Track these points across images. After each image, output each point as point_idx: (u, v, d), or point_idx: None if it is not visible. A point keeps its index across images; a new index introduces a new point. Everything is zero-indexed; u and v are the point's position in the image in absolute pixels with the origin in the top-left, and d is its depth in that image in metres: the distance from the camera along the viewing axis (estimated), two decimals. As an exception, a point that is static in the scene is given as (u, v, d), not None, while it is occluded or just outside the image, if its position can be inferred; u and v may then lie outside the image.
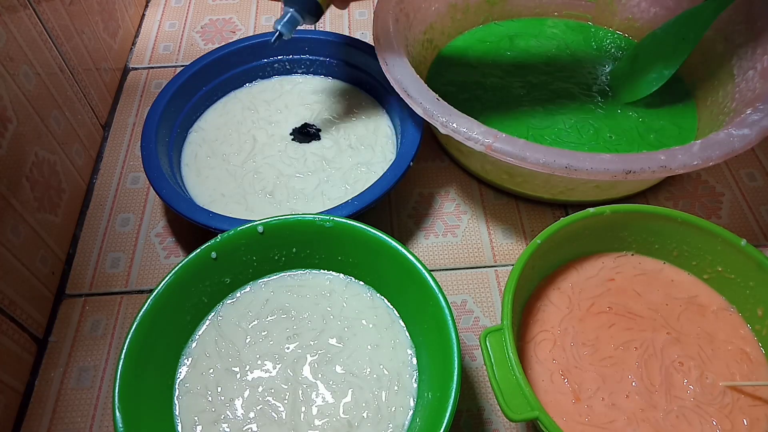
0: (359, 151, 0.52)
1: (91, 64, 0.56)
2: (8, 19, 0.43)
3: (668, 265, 0.43)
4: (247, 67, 0.56)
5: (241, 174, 0.50)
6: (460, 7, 0.59)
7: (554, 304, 0.41)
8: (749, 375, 0.38)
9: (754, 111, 0.43)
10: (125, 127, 0.58)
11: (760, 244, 0.49)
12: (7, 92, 0.42)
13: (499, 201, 0.52)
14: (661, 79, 0.53)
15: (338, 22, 0.68)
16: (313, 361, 0.39)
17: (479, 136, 0.41)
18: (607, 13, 0.61)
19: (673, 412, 0.36)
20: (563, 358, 0.38)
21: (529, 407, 0.32)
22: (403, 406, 0.37)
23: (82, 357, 0.44)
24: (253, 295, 0.41)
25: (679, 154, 0.40)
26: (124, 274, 0.48)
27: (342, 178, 0.50)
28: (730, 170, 0.54)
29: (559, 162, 0.40)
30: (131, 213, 0.51)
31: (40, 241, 0.45)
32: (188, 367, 0.38)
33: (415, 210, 0.51)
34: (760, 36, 0.48)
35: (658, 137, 0.52)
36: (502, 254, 0.49)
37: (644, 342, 0.39)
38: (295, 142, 0.53)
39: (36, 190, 0.45)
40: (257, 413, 0.37)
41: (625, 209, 0.40)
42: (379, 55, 0.47)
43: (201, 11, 0.69)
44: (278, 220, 0.40)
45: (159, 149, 0.47)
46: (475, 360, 0.43)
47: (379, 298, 0.41)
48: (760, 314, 0.39)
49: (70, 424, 0.41)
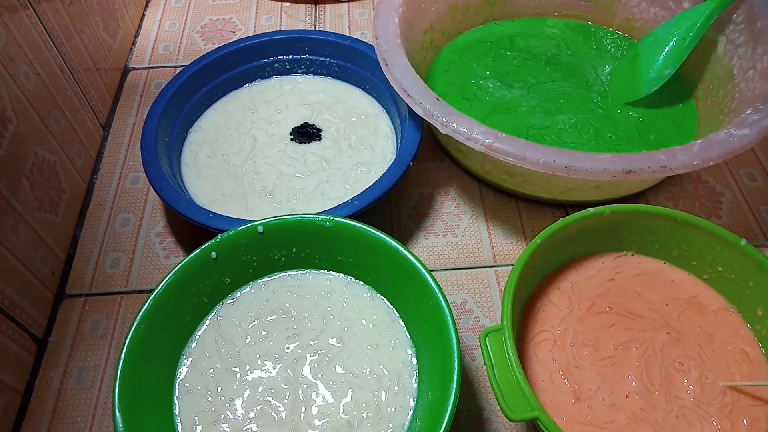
0: (359, 151, 0.52)
1: (91, 64, 0.56)
2: (8, 19, 0.43)
3: (668, 265, 0.43)
4: (247, 67, 0.56)
5: (241, 174, 0.50)
6: (461, 7, 0.59)
7: (554, 304, 0.41)
8: (749, 375, 0.38)
9: (754, 111, 0.43)
10: (125, 127, 0.58)
11: (760, 244, 0.49)
12: (7, 92, 0.42)
13: (499, 201, 0.52)
14: (661, 79, 0.53)
15: (338, 22, 0.68)
16: (313, 361, 0.39)
17: (479, 136, 0.41)
18: (607, 13, 0.61)
19: (673, 412, 0.36)
20: (563, 358, 0.38)
21: (529, 407, 0.32)
22: (403, 406, 0.37)
23: (82, 357, 0.44)
24: (253, 295, 0.41)
25: (679, 154, 0.40)
26: (124, 274, 0.48)
27: (342, 178, 0.50)
28: (730, 170, 0.54)
29: (559, 162, 0.40)
30: (131, 213, 0.51)
31: (40, 241, 0.45)
32: (188, 367, 0.38)
33: (415, 210, 0.51)
34: (760, 36, 0.48)
35: (658, 137, 0.52)
36: (502, 254, 0.49)
37: (644, 342, 0.39)
38: (295, 142, 0.53)
39: (36, 190, 0.45)
40: (257, 413, 0.37)
41: (625, 209, 0.40)
42: (379, 55, 0.47)
43: (201, 11, 0.69)
44: (278, 220, 0.40)
45: (159, 149, 0.47)
46: (475, 360, 0.43)
47: (379, 298, 0.41)
48: (760, 314, 0.39)
49: (70, 424, 0.41)
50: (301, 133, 0.53)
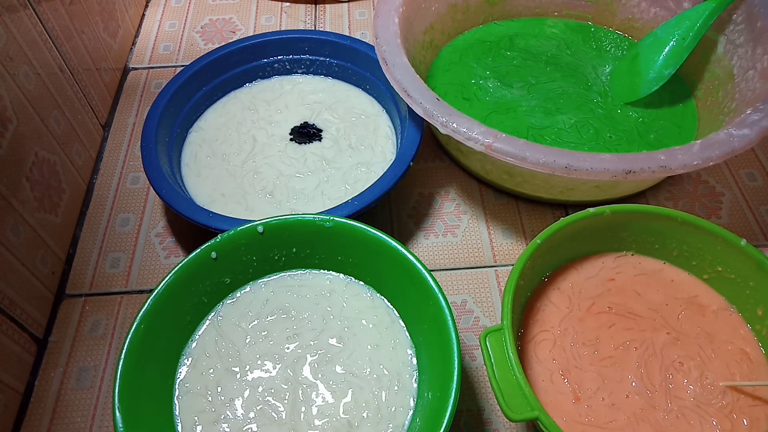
0: (359, 151, 0.52)
1: (91, 64, 0.56)
2: (8, 19, 0.43)
3: (668, 265, 0.43)
4: (247, 67, 0.56)
5: (241, 174, 0.50)
6: (461, 7, 0.59)
7: (554, 304, 0.41)
8: (749, 375, 0.38)
9: (754, 111, 0.43)
10: (125, 127, 0.58)
11: (760, 244, 0.49)
12: (7, 92, 0.42)
13: (499, 201, 0.52)
14: (661, 79, 0.53)
15: (338, 22, 0.68)
16: (313, 361, 0.39)
17: (479, 136, 0.41)
18: (607, 13, 0.61)
19: (673, 412, 0.36)
20: (563, 358, 0.38)
21: (529, 407, 0.32)
22: (403, 406, 0.37)
23: (82, 357, 0.44)
24: (253, 295, 0.41)
25: (679, 154, 0.40)
26: (124, 274, 0.48)
27: (342, 178, 0.50)
28: (730, 170, 0.54)
29: (559, 162, 0.40)
30: (131, 213, 0.51)
31: (40, 241, 0.45)
32: (188, 367, 0.38)
33: (415, 210, 0.51)
34: (760, 36, 0.48)
35: (658, 137, 0.52)
36: (502, 254, 0.49)
37: (644, 342, 0.39)
38: (294, 142, 0.53)
39: (36, 190, 0.45)
40: (257, 413, 0.37)
41: (625, 209, 0.40)
42: (379, 55, 0.47)
43: (201, 11, 0.69)
44: (278, 220, 0.40)
45: (159, 149, 0.47)
46: (475, 360, 0.43)
47: (379, 298, 0.41)
48: (760, 314, 0.39)
49: (70, 424, 0.41)
50: (301, 133, 0.53)
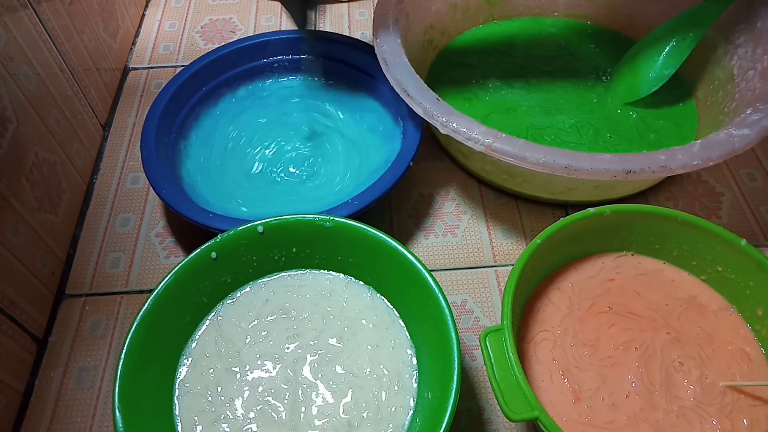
0: (359, 152, 0.52)
1: (91, 64, 0.56)
2: (8, 19, 0.43)
3: (668, 265, 0.43)
4: (247, 67, 0.56)
5: (241, 174, 0.50)
6: (460, 7, 0.59)
7: (554, 304, 0.41)
8: (749, 375, 0.38)
9: (754, 111, 0.43)
10: (125, 127, 0.58)
11: (760, 244, 0.49)
12: (7, 92, 0.42)
13: (499, 201, 0.52)
14: (661, 79, 0.53)
15: (338, 22, 0.68)
16: (313, 361, 0.39)
17: (479, 136, 0.41)
18: (607, 13, 0.61)
19: (673, 412, 0.36)
20: (563, 358, 0.38)
21: (529, 407, 0.32)
22: (403, 406, 0.37)
23: (82, 357, 0.44)
24: (253, 295, 0.41)
25: (679, 154, 0.40)
26: (124, 274, 0.48)
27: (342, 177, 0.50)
28: (730, 170, 0.54)
29: (559, 162, 0.40)
30: (131, 213, 0.51)
31: (40, 241, 0.45)
32: (188, 367, 0.38)
33: (415, 210, 0.51)
34: (760, 36, 0.48)
35: (658, 137, 0.52)
36: (502, 254, 0.49)
37: (644, 342, 0.39)
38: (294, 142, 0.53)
39: (36, 190, 0.45)
40: (257, 413, 0.37)
41: (625, 209, 0.40)
42: (379, 55, 0.47)
43: (201, 11, 0.69)
44: (278, 220, 0.40)
45: (159, 149, 0.47)
46: (475, 360, 0.43)
47: (379, 298, 0.41)
48: (760, 314, 0.39)
49: (70, 424, 0.41)
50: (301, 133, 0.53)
